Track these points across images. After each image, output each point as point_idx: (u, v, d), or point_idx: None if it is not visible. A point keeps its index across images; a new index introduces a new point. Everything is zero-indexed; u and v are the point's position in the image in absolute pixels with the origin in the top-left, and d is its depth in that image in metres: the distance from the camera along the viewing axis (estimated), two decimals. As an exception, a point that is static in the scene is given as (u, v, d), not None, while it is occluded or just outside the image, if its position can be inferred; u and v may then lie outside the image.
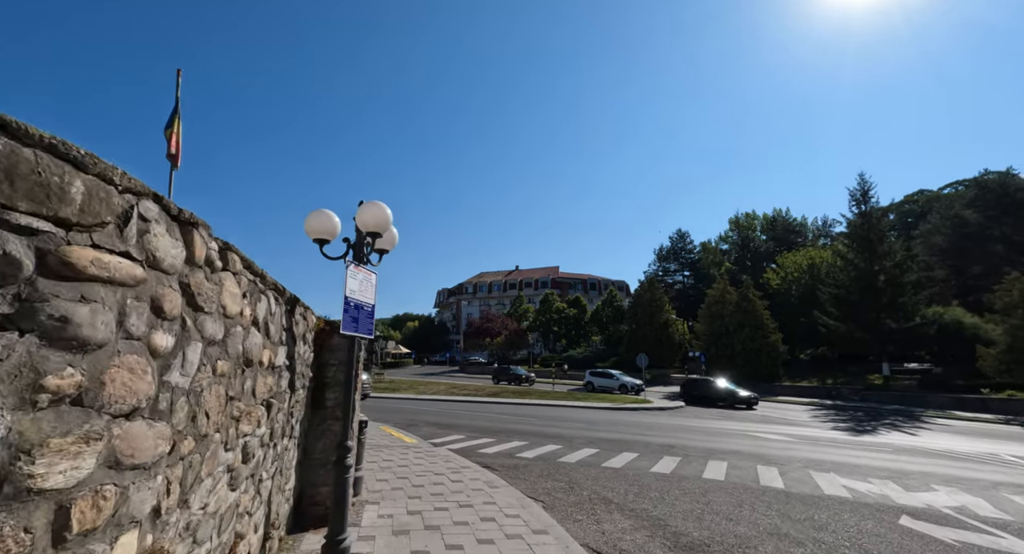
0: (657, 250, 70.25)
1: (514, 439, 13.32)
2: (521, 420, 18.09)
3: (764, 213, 73.41)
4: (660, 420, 19.42)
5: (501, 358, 60.74)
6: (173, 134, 7.55)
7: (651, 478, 8.76)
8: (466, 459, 9.64)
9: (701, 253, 68.31)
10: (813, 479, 9.08)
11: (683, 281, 67.39)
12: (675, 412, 22.84)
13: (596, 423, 17.70)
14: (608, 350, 52.78)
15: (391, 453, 9.58)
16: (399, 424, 16.00)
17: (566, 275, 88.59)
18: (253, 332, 2.53)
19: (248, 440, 2.53)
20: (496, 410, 21.88)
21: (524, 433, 14.59)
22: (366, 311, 4.25)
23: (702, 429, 16.89)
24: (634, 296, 46.63)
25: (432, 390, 32.15)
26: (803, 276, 45.16)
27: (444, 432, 14.40)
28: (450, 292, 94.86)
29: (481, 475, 7.77)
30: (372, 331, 4.40)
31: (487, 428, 15.54)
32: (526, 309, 69.69)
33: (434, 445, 11.68)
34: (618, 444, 12.85)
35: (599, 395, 28.78)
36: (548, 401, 25.87)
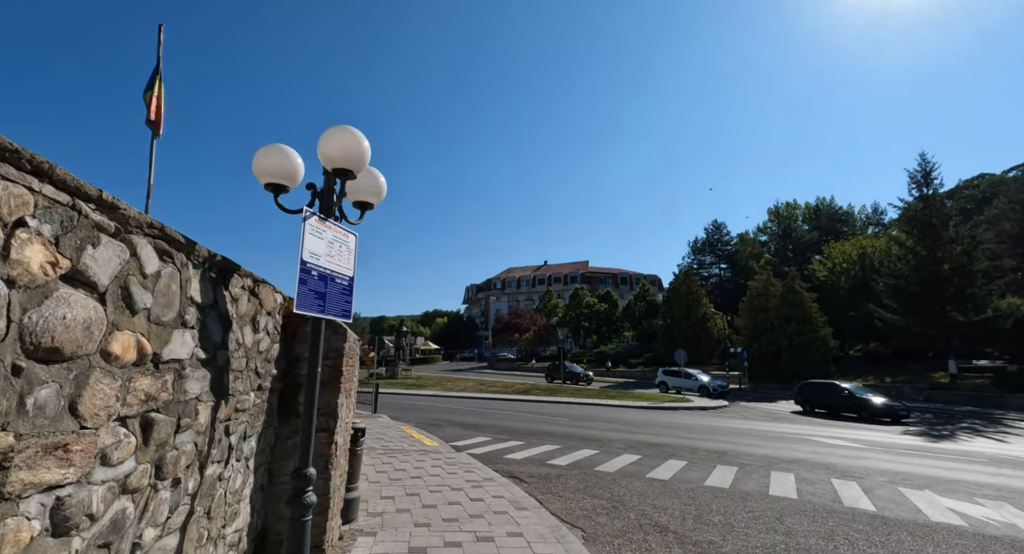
0: (691, 242, 67.65)
1: (545, 442, 12.11)
2: (552, 420, 16.86)
3: (806, 202, 69.63)
4: (703, 421, 17.83)
5: (530, 354, 59.59)
6: (153, 98, 6.65)
7: (708, 495, 7.38)
8: (490, 468, 8.48)
9: (738, 244, 65.27)
10: (908, 499, 7.51)
11: (720, 274, 64.59)
12: (718, 412, 21.13)
13: (634, 424, 16.29)
14: (641, 346, 50.87)
15: (406, 459, 8.51)
16: (421, 424, 15.02)
17: (596, 269, 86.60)
18: (73, 295, 1.40)
19: (67, 494, 1.40)
20: (525, 409, 20.71)
21: (555, 435, 13.35)
22: (340, 285, 3.11)
23: (752, 432, 15.26)
24: (668, 289, 44.58)
25: (459, 387, 31.27)
26: (853, 267, 42.12)
27: (468, 434, 13.31)
28: (479, 288, 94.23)
29: (506, 491, 6.59)
30: (350, 313, 3.26)
31: (515, 429, 14.38)
32: (555, 304, 68.24)
33: (456, 449, 10.59)
34: (661, 449, 11.46)
35: (634, 393, 27.22)
36: (580, 399, 24.53)
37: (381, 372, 40.20)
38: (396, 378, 37.31)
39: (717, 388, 27.55)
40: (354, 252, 3.27)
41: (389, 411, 18.20)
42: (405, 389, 29.97)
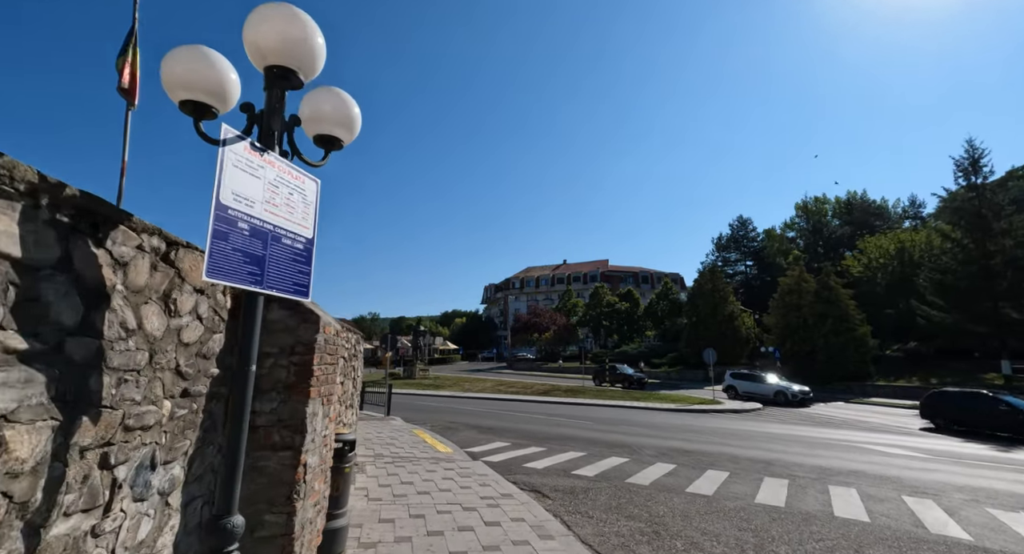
0: (716, 239, 65.62)
1: (568, 448, 11.12)
2: (574, 423, 15.84)
3: (836, 196, 66.98)
4: (737, 425, 16.57)
5: (549, 354, 58.51)
6: (127, 64, 5.92)
7: (763, 516, 6.31)
8: (508, 480, 7.55)
9: (765, 241, 62.99)
10: (1006, 524, 6.31)
11: (746, 271, 62.44)
12: (752, 415, 19.79)
13: (663, 428, 15.16)
14: (665, 345, 49.34)
15: (415, 470, 7.64)
16: (436, 427, 14.18)
17: (616, 268, 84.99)
18: None
19: None
20: (546, 411, 19.72)
21: (579, 440, 12.35)
22: (291, 248, 2.21)
23: (794, 437, 13.99)
24: (693, 287, 43.00)
25: (477, 388, 30.45)
26: (890, 262, 39.93)
27: (486, 438, 12.40)
28: (497, 288, 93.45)
29: (528, 511, 5.64)
30: (307, 288, 2.36)
31: (536, 433, 13.42)
32: (575, 303, 66.98)
33: (471, 456, 9.69)
34: (697, 457, 10.37)
35: (659, 394, 25.98)
36: (603, 401, 23.41)
37: (398, 372, 39.69)
38: (413, 378, 36.70)
39: (798, 395, 23.72)
40: (314, 206, 2.37)
41: (403, 413, 17.43)
42: (422, 390, 29.29)
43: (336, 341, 3.67)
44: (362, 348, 7.72)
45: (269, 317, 2.99)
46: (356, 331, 7.02)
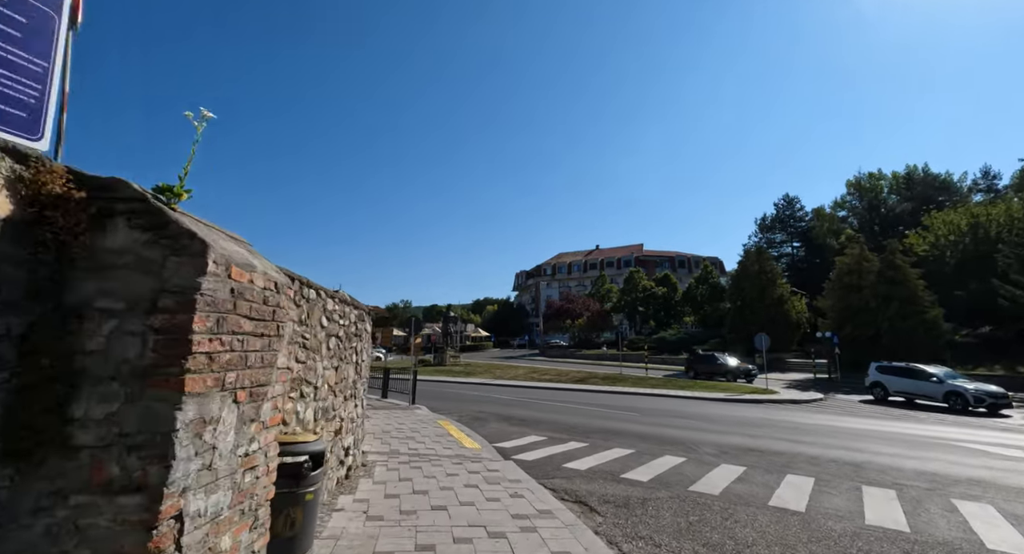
0: (759, 219, 61.82)
1: (613, 444, 9.69)
2: (616, 414, 14.36)
3: (893, 172, 61.97)
4: (800, 418, 14.70)
5: (583, 341, 56.87)
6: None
7: (888, 546, 4.72)
8: (546, 486, 6.19)
9: (813, 220, 58.97)
10: None
11: (792, 253, 58.81)
12: (813, 407, 17.77)
13: (717, 421, 13.49)
14: (705, 331, 46.86)
15: (433, 472, 6.36)
16: (464, 418, 12.97)
17: (651, 253, 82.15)
18: None
19: None
20: (583, 400, 18.28)
21: (625, 435, 10.87)
22: None
23: (872, 433, 12.08)
24: (737, 269, 40.31)
25: (509, 375, 29.27)
26: (961, 239, 36.20)
27: (518, 431, 11.09)
28: (528, 274, 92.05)
29: (575, 539, 4.24)
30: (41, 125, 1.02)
31: (574, 426, 12.02)
32: (609, 289, 64.82)
33: (502, 453, 8.38)
34: (768, 458, 8.74)
35: (705, 383, 24.10)
36: (645, 389, 21.78)
37: (428, 359, 39.01)
38: (444, 365, 35.89)
39: (987, 397, 16.81)
40: None
41: (430, 401, 16.34)
42: (452, 377, 28.35)
43: (276, 299, 2.32)
44: (367, 327, 6.46)
45: (104, 244, 1.65)
46: (358, 305, 5.72)
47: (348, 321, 5.32)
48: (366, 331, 6.36)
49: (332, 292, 4.67)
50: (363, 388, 6.49)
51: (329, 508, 4.51)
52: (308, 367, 4.03)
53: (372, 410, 13.17)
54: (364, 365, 6.36)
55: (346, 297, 5.18)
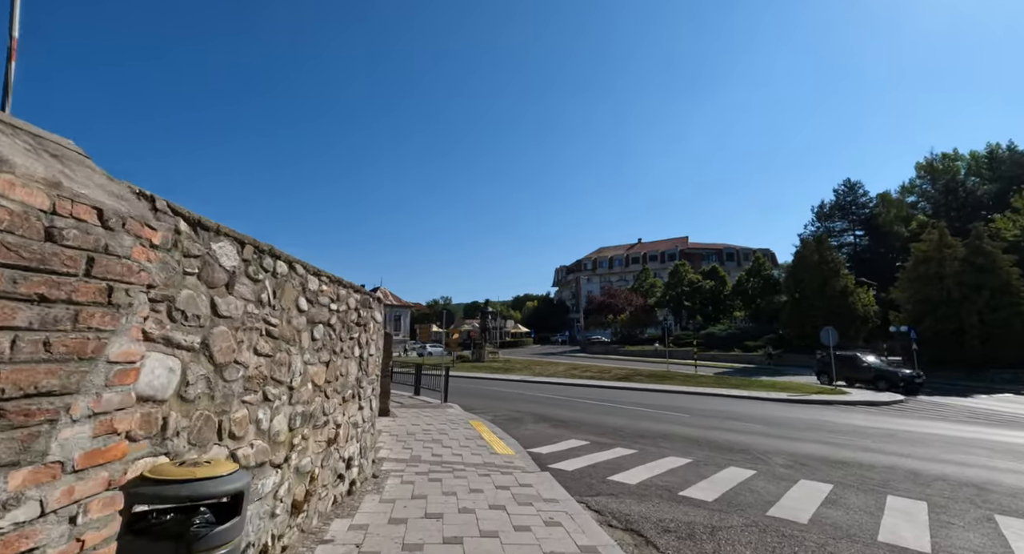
0: (816, 207, 57.63)
1: (666, 451, 8.45)
2: (666, 416, 13.01)
3: (971, 151, 56.42)
4: (882, 423, 12.84)
5: (626, 337, 54.94)
6: None
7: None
8: (590, 509, 5.10)
9: (878, 207, 54.40)
10: None
11: (855, 242, 54.52)
12: (895, 410, 15.71)
13: (783, 425, 11.91)
14: (757, 327, 44.08)
15: (455, 486, 5.40)
16: (498, 418, 12.00)
17: (697, 245, 78.84)
18: None
19: None
20: (628, 400, 16.95)
21: (678, 439, 9.59)
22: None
23: (975, 442, 10.20)
24: (795, 260, 37.42)
25: (549, 371, 28.16)
26: (1059, 222, 32.09)
27: (557, 433, 10.00)
28: (568, 269, 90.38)
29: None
30: None
31: (620, 429, 10.81)
32: (652, 283, 62.42)
33: (538, 460, 7.34)
34: (857, 472, 7.28)
35: (762, 381, 22.14)
36: (695, 388, 20.15)
37: (467, 355, 38.44)
38: (482, 361, 35.21)
39: None
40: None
41: (465, 399, 15.50)
42: (490, 373, 27.54)
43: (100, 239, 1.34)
44: (376, 316, 5.55)
45: None
46: (359, 289, 4.81)
47: (345, 307, 4.41)
48: (374, 321, 5.45)
49: (316, 269, 3.74)
50: (374, 387, 5.59)
51: (315, 539, 3.61)
52: (277, 361, 3.12)
53: (401, 408, 12.43)
54: (373, 361, 5.46)
55: (341, 278, 4.26)
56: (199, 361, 2.32)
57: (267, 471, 3.01)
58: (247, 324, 2.75)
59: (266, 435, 3.00)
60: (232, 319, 2.59)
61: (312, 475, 3.74)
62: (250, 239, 2.80)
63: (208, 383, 2.38)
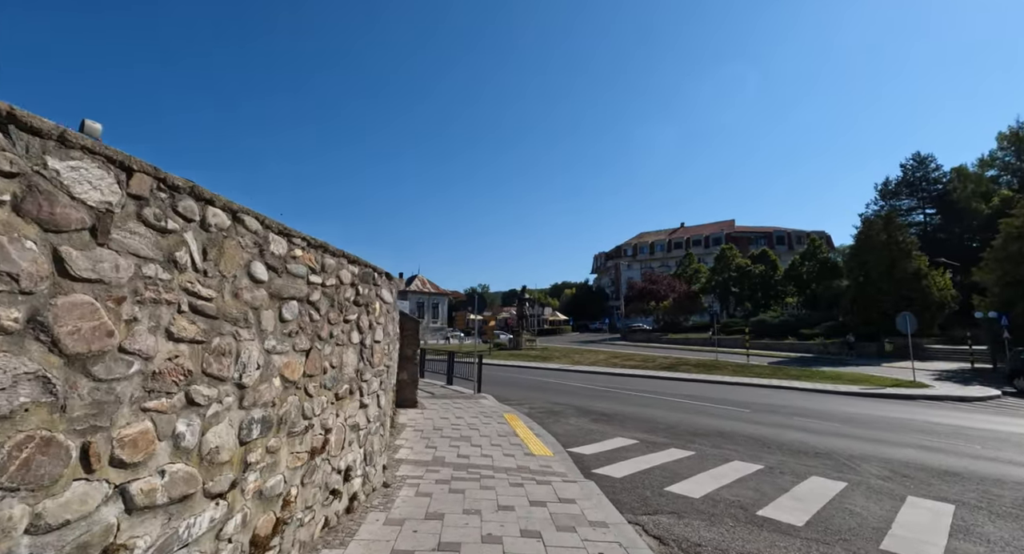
0: (880, 185, 53.02)
1: (730, 453, 7.25)
2: (721, 410, 11.68)
3: (1063, 116, 50.24)
4: (980, 422, 11.01)
5: (668, 324, 52.81)
6: None
7: None
8: (647, 533, 4.06)
9: (954, 182, 49.46)
10: None
11: (925, 221, 49.98)
12: (992, 407, 13.67)
13: (864, 423, 10.37)
14: (813, 314, 41.07)
15: (479, 501, 4.46)
16: (536, 410, 11.04)
17: (744, 229, 74.97)
18: None
19: None
20: (675, 391, 15.62)
21: (741, 439, 8.33)
22: None
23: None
24: (858, 240, 34.30)
25: (589, 360, 26.98)
26: None
27: (600, 430, 8.92)
28: (608, 256, 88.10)
29: None
30: None
31: (673, 425, 9.62)
32: (696, 269, 59.69)
33: (580, 463, 6.32)
34: (979, 488, 5.86)
35: (825, 372, 20.18)
36: (750, 379, 18.54)
37: (504, 342, 37.73)
38: (519, 349, 34.37)
39: None
40: None
41: (500, 389, 14.64)
42: (527, 361, 26.65)
43: None
44: (385, 296, 4.64)
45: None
46: (356, 260, 3.89)
47: (335, 281, 3.49)
48: (381, 301, 4.54)
49: (284, 227, 2.81)
50: (383, 381, 4.70)
51: (287, 581, 2.73)
52: (215, 349, 2.21)
53: (431, 399, 11.68)
54: (380, 349, 4.55)
55: (327, 244, 3.33)
56: (23, 349, 1.40)
57: (197, 505, 2.11)
58: (146, 294, 1.83)
59: (193, 455, 2.09)
60: (107, 284, 1.67)
61: (286, 498, 2.86)
62: (149, 167, 1.86)
63: (47, 386, 1.46)
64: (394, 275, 5.08)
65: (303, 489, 3.06)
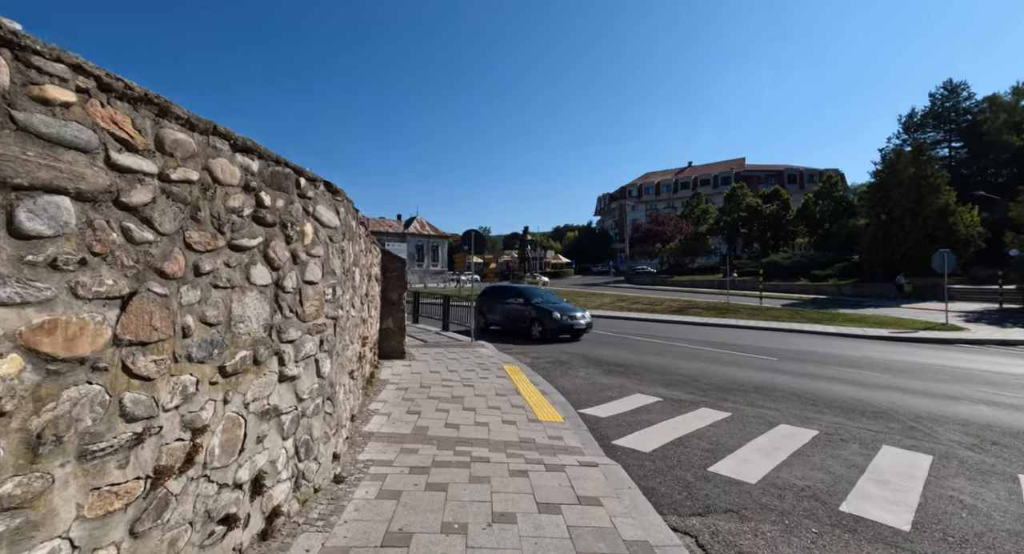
0: (904, 117, 49.53)
1: (770, 413, 6.03)
2: (747, 359, 10.49)
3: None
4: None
5: (674, 267, 51.54)
6: None
7: None
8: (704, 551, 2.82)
9: (986, 112, 46.03)
10: None
11: (951, 156, 47.15)
12: (1034, 351, 12.49)
13: (908, 372, 9.17)
14: (828, 255, 39.57)
15: (464, 506, 3.22)
16: (540, 360, 9.84)
17: (755, 167, 71.89)
18: None
19: None
20: (690, 336, 14.46)
21: (780, 395, 7.12)
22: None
23: None
24: (882, 175, 32.01)
25: (594, 303, 25.84)
26: None
27: (614, 385, 7.71)
28: (612, 197, 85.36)
29: None
30: None
31: (696, 377, 8.40)
32: (704, 209, 57.49)
33: (596, 429, 5.10)
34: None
35: (847, 315, 18.94)
36: (769, 323, 17.38)
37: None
38: (522, 293, 33.21)
39: None
40: None
41: (498, 336, 13.49)
42: (529, 305, 25.49)
43: None
44: (322, 215, 3.11)
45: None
46: (262, 153, 2.27)
47: (196, 175, 1.96)
48: (318, 223, 3.03)
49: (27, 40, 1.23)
50: (324, 338, 3.28)
51: None
52: None
53: (424, 348, 10.49)
54: (315, 294, 3.08)
55: (168, 103, 1.75)
56: None
57: None
58: None
59: None
60: None
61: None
62: None
63: None
64: (342, 189, 3.53)
65: (135, 544, 1.71)
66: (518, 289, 14.38)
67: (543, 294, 14.10)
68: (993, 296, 22.61)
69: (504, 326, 13.82)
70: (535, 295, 13.70)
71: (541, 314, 12.75)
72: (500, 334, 13.64)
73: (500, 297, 14.12)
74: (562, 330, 12.56)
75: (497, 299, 14.14)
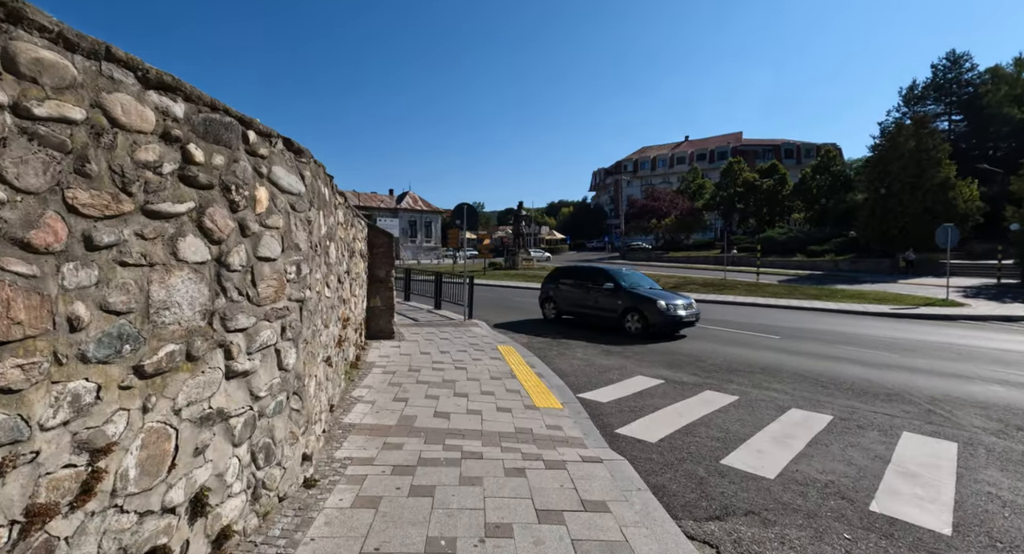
0: (905, 89, 48.57)
1: (778, 396, 5.68)
2: (749, 338, 10.16)
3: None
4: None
5: (669, 242, 51.19)
6: None
7: None
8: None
9: (987, 84, 45.20)
10: None
11: (950, 129, 46.48)
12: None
13: (915, 350, 8.88)
14: (825, 230, 39.28)
15: (453, 516, 2.83)
16: (536, 339, 9.44)
17: (752, 141, 70.87)
18: None
19: None
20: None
21: (786, 376, 6.78)
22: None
23: None
24: (882, 148, 31.47)
25: (589, 280, 25.39)
26: None
27: (614, 366, 7.31)
28: (607, 172, 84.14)
29: None
30: None
31: (697, 357, 8.02)
32: (701, 184, 56.76)
33: (596, 416, 4.73)
34: None
35: (845, 291, 18.68)
36: (767, 299, 17.09)
37: (499, 262, 36.11)
38: (516, 269, 32.82)
39: None
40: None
41: (495, 313, 13.09)
42: (524, 282, 25.11)
43: None
44: (278, 177, 2.59)
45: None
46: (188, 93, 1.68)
47: (81, 114, 1.42)
48: (275, 188, 2.52)
49: None
50: (288, 323, 2.81)
51: None
52: None
53: (415, 327, 10.06)
54: (274, 273, 2.60)
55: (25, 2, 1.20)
56: None
57: None
58: None
59: None
60: None
61: None
62: None
63: None
64: (307, 149, 2.99)
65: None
66: (604, 271, 11.59)
67: (632, 276, 11.59)
68: (990, 271, 22.44)
69: (581, 318, 11.50)
70: (623, 277, 11.16)
71: (640, 303, 10.13)
72: (494, 312, 13.22)
73: (578, 279, 11.78)
74: (671, 325, 9.91)
75: (574, 283, 11.82)
